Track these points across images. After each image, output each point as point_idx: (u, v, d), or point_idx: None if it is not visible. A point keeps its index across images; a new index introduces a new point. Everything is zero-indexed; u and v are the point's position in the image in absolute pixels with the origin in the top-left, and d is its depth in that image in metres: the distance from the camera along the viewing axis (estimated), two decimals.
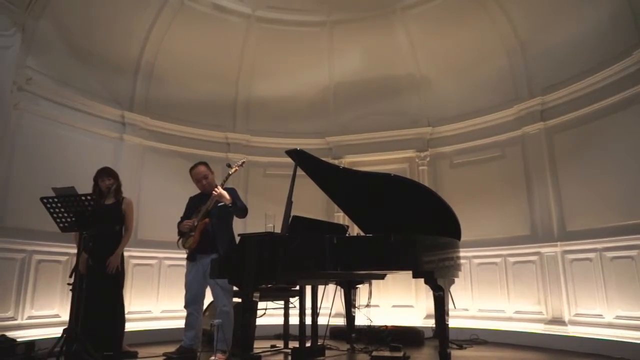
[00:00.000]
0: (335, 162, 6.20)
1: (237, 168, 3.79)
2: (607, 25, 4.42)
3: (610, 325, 4.14)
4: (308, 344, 3.93)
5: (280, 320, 4.71)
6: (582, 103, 4.66)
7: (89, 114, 5.09)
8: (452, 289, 3.19)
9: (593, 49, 4.56)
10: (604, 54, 4.44)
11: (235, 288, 3.62)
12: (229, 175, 3.75)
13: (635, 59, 4.08)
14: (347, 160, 6.27)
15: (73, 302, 3.23)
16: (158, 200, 5.45)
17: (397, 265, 2.95)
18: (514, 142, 5.37)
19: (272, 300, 4.27)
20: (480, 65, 5.61)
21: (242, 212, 3.72)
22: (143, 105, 5.62)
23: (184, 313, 3.83)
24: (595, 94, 4.53)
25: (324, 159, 5.99)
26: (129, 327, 4.90)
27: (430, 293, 4.54)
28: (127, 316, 4.95)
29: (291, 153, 3.33)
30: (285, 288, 4.19)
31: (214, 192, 3.62)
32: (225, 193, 3.61)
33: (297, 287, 4.12)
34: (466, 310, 5.31)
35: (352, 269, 2.92)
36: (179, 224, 3.86)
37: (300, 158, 3.35)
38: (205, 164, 3.96)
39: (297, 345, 3.85)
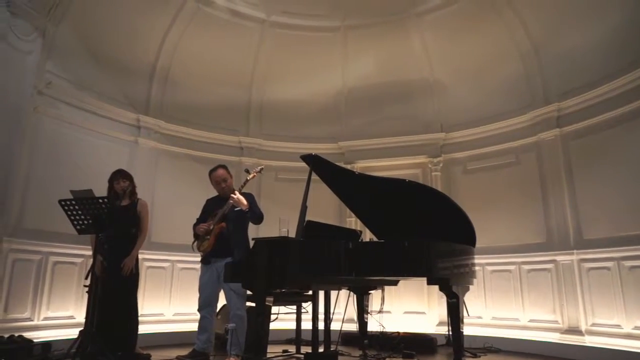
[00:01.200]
0: (348, 167, 6.19)
1: (255, 174, 3.81)
2: (624, 30, 4.36)
3: (628, 336, 4.06)
4: (320, 349, 3.91)
5: (291, 325, 4.70)
6: (598, 110, 4.60)
7: (106, 117, 5.16)
8: (466, 296, 3.15)
9: (610, 55, 4.50)
10: (622, 61, 4.38)
11: (248, 292, 3.63)
12: (247, 180, 3.77)
13: None
14: (359, 166, 6.25)
15: (89, 304, 3.26)
16: (171, 203, 5.49)
17: (412, 271, 2.91)
18: (528, 148, 5.32)
19: (284, 305, 4.27)
20: (495, 71, 5.58)
21: (258, 218, 3.73)
22: (158, 109, 5.68)
23: (197, 316, 3.84)
24: (612, 101, 4.47)
25: (336, 164, 6.09)
26: (142, 329, 4.93)
27: (443, 300, 4.50)
28: (139, 319, 5.01)
29: (306, 158, 3.33)
30: (297, 293, 4.19)
31: (231, 196, 3.63)
32: (242, 199, 3.62)
33: (310, 292, 4.11)
34: (480, 318, 5.25)
35: (367, 274, 2.91)
36: (195, 226, 3.88)
37: (316, 163, 3.35)
38: (224, 167, 3.98)
39: (309, 351, 3.83)
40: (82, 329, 3.27)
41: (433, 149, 6.02)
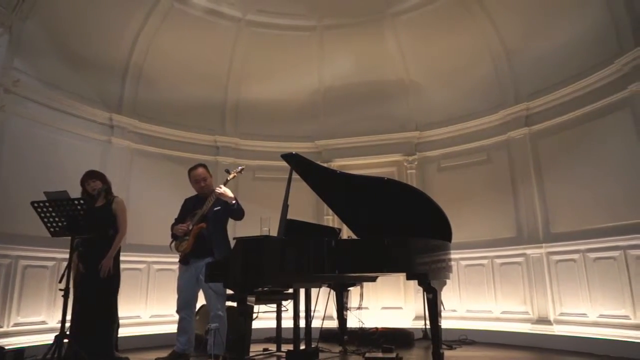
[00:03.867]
0: (325, 165, 6.23)
1: (235, 174, 3.80)
2: (590, 34, 4.57)
3: (594, 324, 4.28)
4: (301, 347, 3.94)
5: (271, 324, 4.71)
6: (566, 109, 4.82)
7: (77, 117, 5.01)
8: (441, 290, 3.25)
9: (577, 57, 4.71)
10: (588, 62, 4.59)
11: (229, 292, 3.62)
12: (227, 181, 3.75)
13: (616, 67, 4.24)
14: (336, 164, 6.31)
15: (65, 308, 3.17)
16: (146, 204, 5.39)
17: (392, 267, 2.99)
18: (499, 146, 5.51)
19: (264, 304, 4.27)
20: (468, 71, 5.74)
21: (241, 212, 3.72)
22: (132, 108, 5.56)
23: (175, 317, 3.80)
24: (578, 100, 4.68)
25: (316, 162, 6.11)
26: (118, 332, 4.85)
27: (419, 295, 4.61)
28: None
29: (287, 157, 3.34)
30: (278, 291, 4.20)
31: (216, 189, 3.61)
32: (228, 191, 3.62)
33: (291, 290, 4.13)
34: (454, 311, 5.41)
35: (350, 271, 2.95)
36: (173, 226, 3.83)
37: (296, 162, 3.37)
38: (204, 166, 3.95)
39: (290, 349, 3.86)
40: (57, 333, 3.18)
41: (408, 147, 6.14)
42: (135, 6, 5.29)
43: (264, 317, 4.58)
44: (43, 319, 4.38)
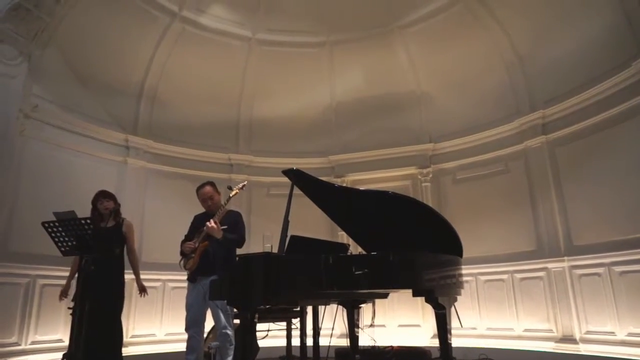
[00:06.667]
0: (338, 180, 6.21)
1: (237, 191, 3.79)
2: (605, 37, 4.41)
3: (622, 343, 4.01)
4: None
5: (283, 342, 4.64)
6: (583, 115, 4.63)
7: (93, 139, 5.19)
8: (460, 307, 3.14)
9: (592, 62, 4.55)
10: (603, 66, 4.43)
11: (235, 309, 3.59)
12: (230, 198, 3.75)
13: (635, 70, 4.06)
14: (350, 179, 6.26)
15: (73, 327, 3.23)
16: (162, 222, 5.48)
17: (397, 284, 2.89)
18: (516, 156, 5.33)
19: (273, 322, 4.21)
20: (480, 80, 5.63)
21: (234, 244, 3.67)
22: (147, 129, 5.72)
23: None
24: (595, 106, 4.50)
25: (326, 177, 6.10)
26: (133, 350, 4.90)
27: None
28: (130, 340, 4.96)
29: (288, 173, 3.33)
30: (286, 309, 4.14)
31: (206, 225, 3.57)
32: (216, 228, 3.51)
33: (298, 308, 4.06)
34: (474, 329, 5.19)
35: (350, 288, 2.87)
36: (182, 243, 3.86)
37: (297, 177, 3.35)
38: (211, 184, 3.96)
39: None
40: (65, 352, 3.23)
41: (422, 159, 6.03)
42: (148, 31, 5.48)
43: (276, 335, 4.52)
44: (60, 337, 4.48)
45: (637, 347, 3.86)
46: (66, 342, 4.42)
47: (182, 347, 4.86)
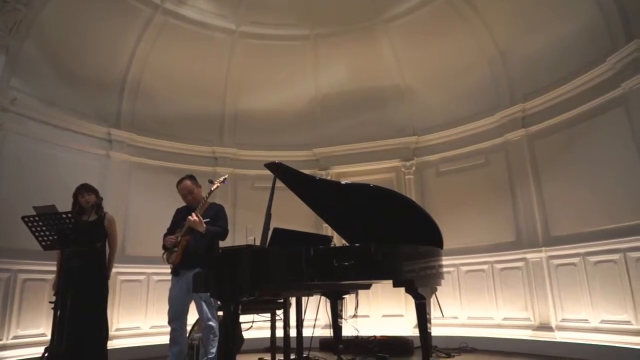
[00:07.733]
0: (323, 173, 6.25)
1: (218, 184, 3.78)
2: (582, 32, 4.50)
3: (596, 330, 4.15)
4: (295, 356, 3.92)
5: (267, 333, 4.69)
6: (561, 109, 4.73)
7: (75, 132, 5.13)
8: (441, 297, 3.22)
9: (570, 56, 4.64)
10: (581, 61, 4.52)
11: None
12: (211, 191, 3.75)
13: (609, 66, 4.16)
14: (335, 172, 6.31)
15: (55, 321, 3.22)
16: (146, 216, 5.46)
17: (377, 275, 2.96)
18: (497, 149, 5.43)
19: (257, 313, 4.26)
20: (463, 75, 5.69)
21: (217, 236, 3.68)
22: (129, 122, 5.67)
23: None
24: (573, 99, 4.60)
25: (311, 170, 6.14)
26: (118, 343, 4.91)
27: None
28: (115, 333, 4.96)
29: (270, 166, 3.35)
30: (270, 300, 4.19)
31: (188, 218, 3.58)
32: (198, 221, 3.51)
33: (282, 299, 4.11)
34: (456, 318, 5.31)
35: (331, 279, 2.92)
36: (165, 237, 3.86)
37: (280, 171, 3.37)
38: (191, 177, 3.95)
39: (282, 358, 3.84)
40: (47, 346, 3.23)
41: (406, 152, 6.10)
42: (130, 23, 5.41)
43: (261, 327, 4.57)
44: (42, 331, 4.46)
45: (610, 333, 4.00)
46: (48, 337, 4.42)
47: (166, 339, 4.84)
